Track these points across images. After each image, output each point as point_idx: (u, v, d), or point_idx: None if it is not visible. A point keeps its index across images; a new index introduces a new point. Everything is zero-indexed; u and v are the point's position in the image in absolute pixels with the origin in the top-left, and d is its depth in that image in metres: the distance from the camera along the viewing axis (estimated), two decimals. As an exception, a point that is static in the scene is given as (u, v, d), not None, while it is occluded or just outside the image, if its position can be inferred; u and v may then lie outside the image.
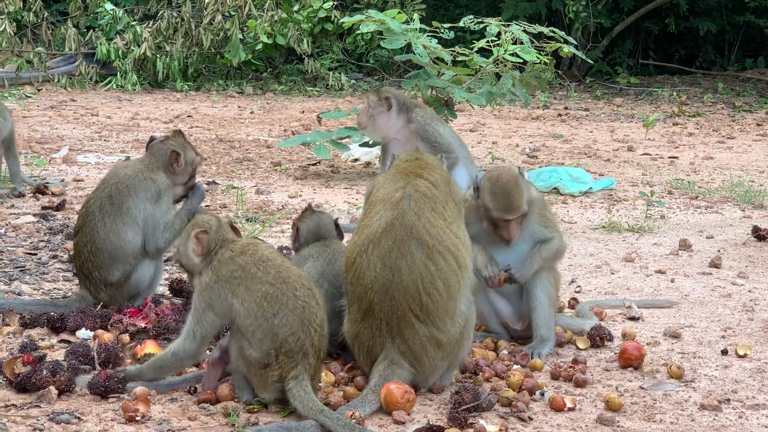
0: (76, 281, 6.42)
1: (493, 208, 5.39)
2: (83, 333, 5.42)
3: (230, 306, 4.58)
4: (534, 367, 5.24)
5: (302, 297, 4.55)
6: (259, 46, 18.53)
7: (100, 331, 5.40)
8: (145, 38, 18.07)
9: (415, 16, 11.68)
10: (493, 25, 10.69)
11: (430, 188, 4.88)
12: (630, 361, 5.30)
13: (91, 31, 18.99)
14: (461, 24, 10.85)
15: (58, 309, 5.72)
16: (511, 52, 10.64)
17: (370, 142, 10.65)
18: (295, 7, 18.54)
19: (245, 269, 4.61)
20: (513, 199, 5.38)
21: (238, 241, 4.81)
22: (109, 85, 18.06)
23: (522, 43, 10.68)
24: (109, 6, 18.68)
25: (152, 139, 6.04)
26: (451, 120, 11.07)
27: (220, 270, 4.65)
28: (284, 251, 6.67)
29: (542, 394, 4.84)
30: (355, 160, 11.48)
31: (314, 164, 11.36)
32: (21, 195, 8.93)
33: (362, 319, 4.78)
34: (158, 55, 18.23)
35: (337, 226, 5.49)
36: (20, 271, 6.71)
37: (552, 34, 10.88)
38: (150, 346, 4.97)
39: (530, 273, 5.50)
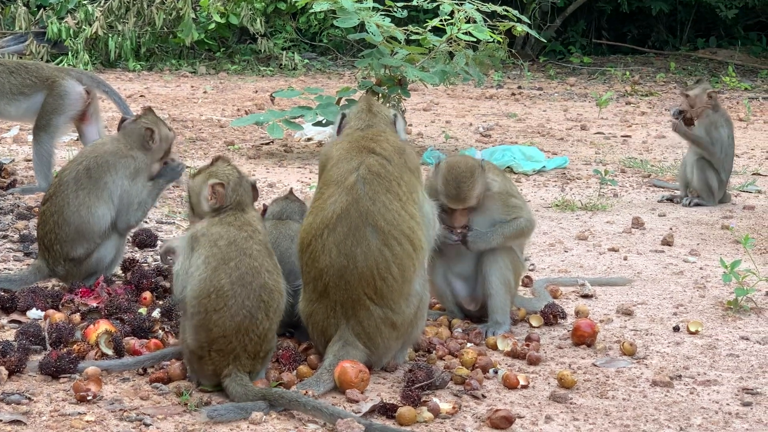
0: (27, 261, 6.35)
1: (441, 192, 5.40)
2: (34, 313, 5.37)
3: (194, 269, 4.48)
4: (489, 344, 5.25)
5: (249, 307, 4.43)
6: (212, 26, 18.44)
7: (51, 311, 5.34)
8: (96, 17, 17.91)
9: (369, -6, 11.60)
10: (446, 4, 10.67)
11: (384, 165, 4.81)
12: (583, 338, 5.32)
13: (42, 10, 18.81)
14: (414, 3, 10.83)
15: (12, 284, 5.66)
16: (465, 31, 10.63)
17: (324, 122, 10.62)
18: (249, -14, 18.46)
19: (223, 251, 4.49)
20: (462, 190, 5.36)
21: (248, 212, 4.67)
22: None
23: (475, 21, 10.67)
24: (59, -16, 18.50)
25: (123, 120, 6.04)
26: (405, 99, 11.06)
27: (211, 230, 4.56)
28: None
29: (496, 372, 4.85)
30: (309, 139, 11.45)
31: (267, 144, 11.31)
32: None
33: (317, 300, 4.77)
34: (110, 35, 18.08)
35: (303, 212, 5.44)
36: (-31, 251, 6.63)
37: (505, 13, 10.88)
38: (103, 326, 4.92)
39: (484, 245, 5.45)
